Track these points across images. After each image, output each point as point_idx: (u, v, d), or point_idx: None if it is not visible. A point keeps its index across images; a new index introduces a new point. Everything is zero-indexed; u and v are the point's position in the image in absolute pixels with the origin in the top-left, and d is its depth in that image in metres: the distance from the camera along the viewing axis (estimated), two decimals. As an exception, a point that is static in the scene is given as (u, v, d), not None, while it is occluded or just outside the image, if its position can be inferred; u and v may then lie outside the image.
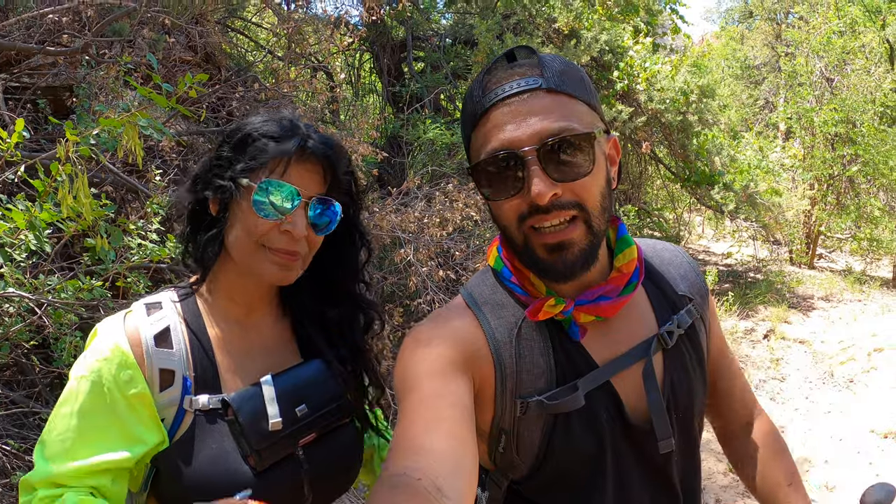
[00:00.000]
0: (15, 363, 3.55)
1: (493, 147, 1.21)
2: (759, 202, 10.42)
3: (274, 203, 1.43)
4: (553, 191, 1.18)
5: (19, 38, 4.32)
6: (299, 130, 1.47)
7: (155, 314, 1.48)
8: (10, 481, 3.13)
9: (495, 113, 1.22)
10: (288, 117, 1.51)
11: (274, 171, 1.44)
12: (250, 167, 1.44)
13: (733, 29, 25.48)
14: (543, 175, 1.18)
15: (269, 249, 1.46)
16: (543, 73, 1.21)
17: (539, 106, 1.19)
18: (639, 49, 8.79)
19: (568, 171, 1.19)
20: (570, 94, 1.22)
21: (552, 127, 1.18)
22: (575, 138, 1.18)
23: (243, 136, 1.48)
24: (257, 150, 1.45)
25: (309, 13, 7.46)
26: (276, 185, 1.43)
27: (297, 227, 1.45)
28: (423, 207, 5.54)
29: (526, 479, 1.35)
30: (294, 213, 1.45)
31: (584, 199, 1.21)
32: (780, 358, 8.40)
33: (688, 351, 1.43)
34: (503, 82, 1.23)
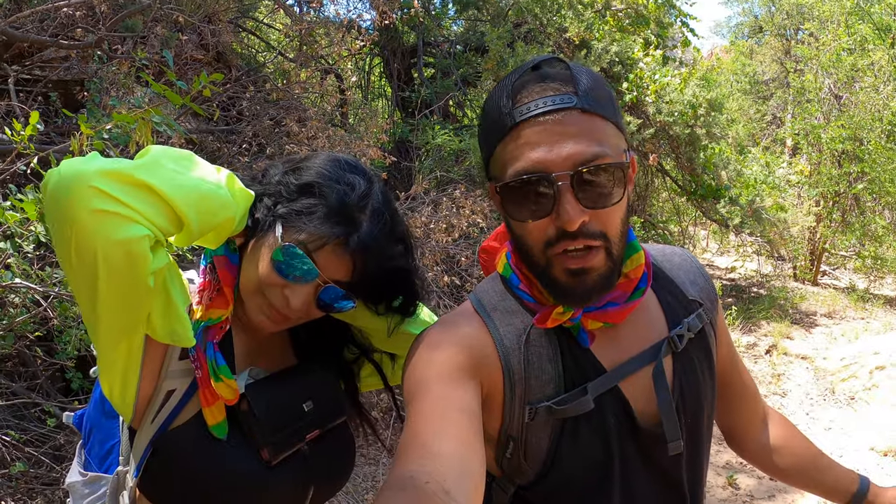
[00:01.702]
0: (17, 354, 3.56)
1: (524, 168, 1.19)
2: (764, 217, 10.40)
3: (290, 268, 1.38)
4: (584, 217, 1.18)
5: (33, 31, 4.34)
6: (354, 216, 1.39)
7: (191, 287, 1.48)
8: (8, 472, 3.13)
9: (527, 130, 1.19)
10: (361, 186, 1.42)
11: (308, 241, 1.37)
12: (289, 221, 1.39)
13: (743, 44, 25.49)
14: (575, 202, 1.17)
15: (266, 300, 1.43)
16: (577, 91, 1.18)
17: (574, 128, 1.17)
18: (648, 61, 8.78)
19: (598, 199, 1.19)
20: (603, 116, 1.20)
21: (587, 153, 1.16)
22: (608, 167, 1.17)
23: (306, 185, 1.41)
24: (306, 208, 1.38)
25: (321, 16, 7.48)
26: (300, 259, 1.37)
27: (295, 302, 1.41)
28: (430, 213, 5.56)
29: (533, 484, 1.35)
30: (301, 287, 1.41)
31: (607, 228, 1.22)
32: (782, 373, 8.38)
33: (697, 355, 1.44)
34: (535, 97, 1.19)
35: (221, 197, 1.28)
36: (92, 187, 1.11)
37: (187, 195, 1.22)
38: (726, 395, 1.67)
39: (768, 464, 1.72)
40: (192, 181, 1.24)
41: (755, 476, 5.67)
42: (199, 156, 1.36)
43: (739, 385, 1.68)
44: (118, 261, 1.14)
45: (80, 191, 1.10)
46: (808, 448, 1.71)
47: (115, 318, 1.25)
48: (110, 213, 1.12)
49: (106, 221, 1.12)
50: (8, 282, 2.61)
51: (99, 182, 1.11)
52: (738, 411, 1.71)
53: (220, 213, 1.28)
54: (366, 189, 1.43)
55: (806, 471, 1.68)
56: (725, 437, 1.77)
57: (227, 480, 1.38)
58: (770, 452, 1.70)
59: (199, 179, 1.26)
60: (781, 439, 1.71)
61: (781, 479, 1.74)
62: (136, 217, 1.15)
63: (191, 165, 1.28)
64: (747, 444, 1.74)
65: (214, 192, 1.27)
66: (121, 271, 1.16)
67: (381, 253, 1.43)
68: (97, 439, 1.53)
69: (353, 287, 1.45)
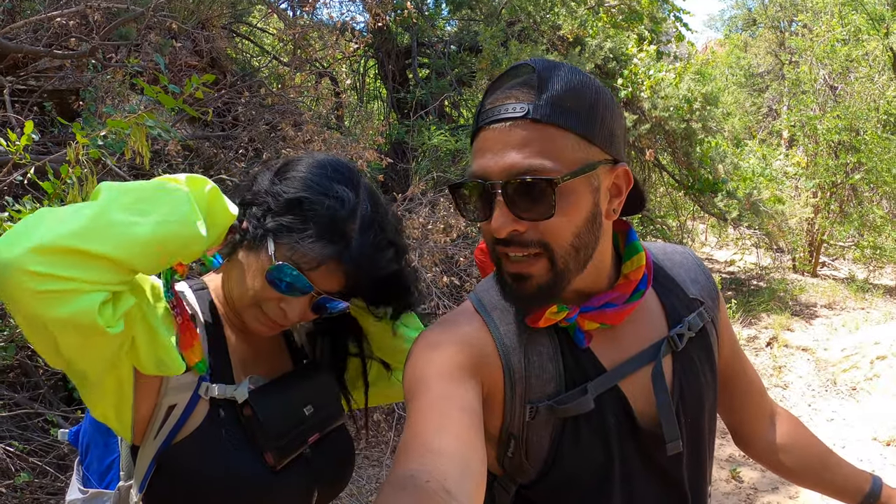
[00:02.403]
0: (19, 365, 3.56)
1: (471, 172, 1.23)
2: (762, 210, 10.42)
3: (285, 285, 1.39)
4: (513, 227, 1.19)
5: (26, 41, 4.34)
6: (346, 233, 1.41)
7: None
8: (13, 483, 3.14)
9: (482, 135, 1.22)
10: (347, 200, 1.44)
11: (302, 261, 1.39)
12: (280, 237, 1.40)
13: (737, 37, 25.50)
14: (505, 210, 1.19)
15: (262, 312, 1.45)
16: (536, 100, 1.18)
17: (518, 138, 1.17)
18: (643, 57, 8.80)
19: (530, 211, 1.19)
20: (558, 126, 1.18)
21: (521, 164, 1.16)
22: (537, 182, 1.16)
23: (294, 200, 1.41)
24: (296, 226, 1.39)
25: (314, 19, 7.49)
26: (295, 277, 1.39)
27: (292, 314, 1.44)
28: (428, 213, 5.56)
29: (534, 483, 1.35)
30: (298, 300, 1.44)
31: (549, 239, 1.21)
32: (783, 365, 8.40)
33: (698, 354, 1.43)
34: (497, 104, 1.21)
35: (185, 236, 1.23)
36: (27, 272, 1.05)
37: (141, 249, 1.17)
38: (731, 392, 1.66)
39: (776, 462, 1.69)
40: (147, 230, 1.17)
41: (758, 469, 5.68)
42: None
43: (744, 382, 1.66)
44: (70, 332, 1.13)
45: (17, 277, 1.05)
46: (817, 446, 1.69)
47: (89, 366, 1.24)
48: (52, 292, 1.07)
49: (49, 301, 1.08)
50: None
51: (33, 265, 1.05)
52: (744, 409, 1.69)
53: (183, 250, 1.25)
54: (353, 201, 1.45)
55: (815, 470, 1.66)
56: (732, 435, 1.75)
57: (232, 486, 1.39)
58: (777, 451, 1.68)
59: (158, 223, 1.19)
60: (789, 437, 1.69)
61: (789, 479, 1.71)
62: (82, 287, 1.10)
63: (149, 206, 1.20)
64: (754, 442, 1.72)
65: (177, 233, 1.22)
66: (77, 338, 1.15)
67: (374, 265, 1.46)
68: (95, 455, 1.53)
69: (346, 296, 1.49)
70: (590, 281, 1.33)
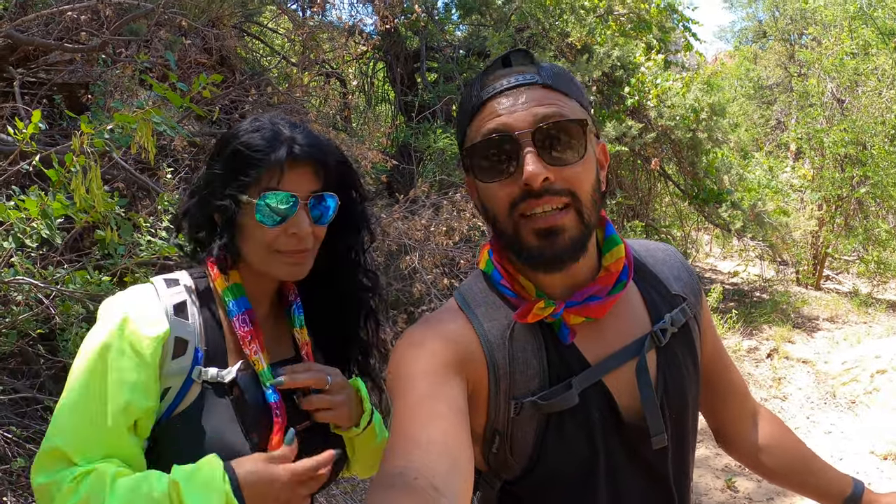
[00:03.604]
0: (20, 352, 3.59)
1: (489, 128, 1.25)
2: (766, 221, 10.41)
3: (275, 212, 1.51)
4: (546, 174, 1.21)
5: (38, 34, 4.38)
6: (283, 136, 1.53)
7: (173, 288, 1.56)
8: (9, 468, 3.17)
9: (492, 103, 1.27)
10: (269, 124, 1.56)
11: (270, 181, 1.51)
12: (246, 183, 1.52)
13: (747, 48, 25.47)
14: (537, 158, 1.21)
15: (280, 252, 1.55)
16: (539, 72, 1.27)
17: (535, 96, 1.25)
18: (650, 65, 8.82)
19: (561, 157, 1.23)
20: (565, 92, 1.28)
21: (547, 111, 1.23)
22: (568, 123, 1.23)
23: (232, 152, 1.54)
24: (248, 164, 1.51)
25: (324, 20, 7.52)
26: (275, 196, 1.50)
27: (302, 227, 1.53)
28: (431, 216, 5.57)
29: (519, 479, 1.36)
30: (296, 216, 1.53)
31: (576, 188, 1.24)
32: (783, 377, 8.39)
33: (681, 350, 1.45)
34: (501, 78, 1.28)
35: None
36: None
37: None
38: (714, 391, 1.66)
39: (758, 463, 1.70)
40: None
41: (754, 479, 5.68)
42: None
43: (726, 381, 1.68)
44: None
45: None
46: (800, 449, 1.70)
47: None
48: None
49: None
50: (11, 278, 2.65)
51: None
52: (726, 408, 1.70)
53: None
54: (266, 119, 1.59)
55: (797, 472, 1.67)
56: (715, 435, 1.76)
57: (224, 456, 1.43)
58: (760, 451, 1.69)
59: None
60: (772, 438, 1.70)
61: (771, 480, 1.73)
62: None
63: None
64: (737, 442, 1.72)
65: None
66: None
67: (325, 147, 1.60)
68: None
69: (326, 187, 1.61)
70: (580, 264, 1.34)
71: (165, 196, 3.52)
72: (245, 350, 1.54)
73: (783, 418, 7.03)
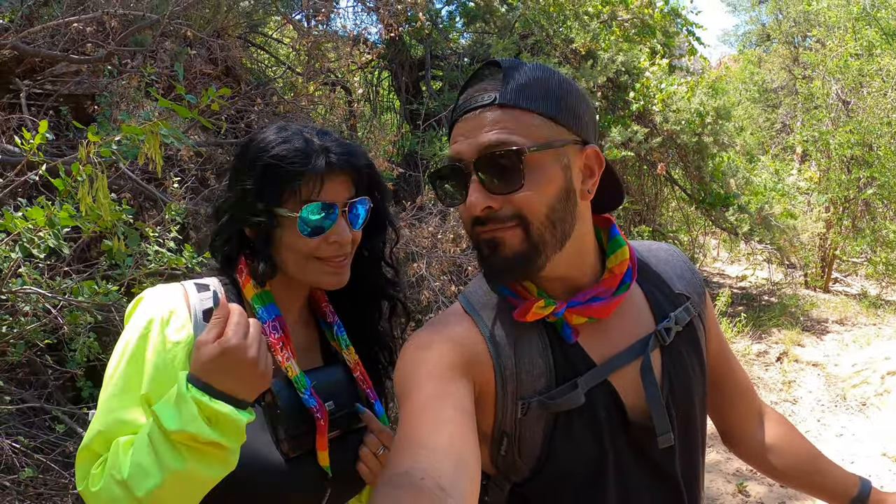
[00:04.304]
0: (28, 362, 3.60)
1: (447, 157, 1.30)
2: (773, 225, 10.37)
3: (317, 223, 1.50)
4: (486, 203, 1.24)
5: (44, 46, 4.41)
6: (316, 146, 1.52)
7: (204, 293, 1.55)
8: (17, 478, 3.17)
9: (455, 127, 1.30)
10: (297, 134, 1.54)
11: (310, 193, 1.50)
12: (283, 197, 1.50)
13: (751, 52, 25.43)
14: (478, 186, 1.24)
15: (321, 260, 1.54)
16: (502, 88, 1.25)
17: (487, 121, 1.25)
18: (655, 70, 8.81)
19: (501, 185, 1.24)
20: (525, 109, 1.25)
21: (491, 140, 1.23)
22: (505, 152, 1.22)
23: (264, 166, 1.51)
24: (285, 177, 1.49)
25: (329, 30, 7.54)
26: (316, 207, 1.50)
27: (343, 235, 1.54)
28: (438, 223, 5.57)
29: (528, 480, 1.36)
30: (337, 224, 1.53)
31: (525, 212, 1.25)
32: (793, 380, 8.35)
33: (686, 349, 1.45)
34: (468, 98, 1.30)
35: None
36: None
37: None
38: (719, 390, 1.67)
39: (764, 463, 1.70)
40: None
41: (765, 483, 5.65)
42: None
43: (732, 380, 1.68)
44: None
45: None
46: (807, 448, 1.69)
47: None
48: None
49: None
50: (18, 287, 2.65)
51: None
52: (732, 408, 1.70)
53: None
54: (294, 129, 1.57)
55: (804, 472, 1.66)
56: (721, 435, 1.76)
57: (245, 467, 1.41)
58: (766, 451, 1.68)
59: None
60: (779, 438, 1.70)
61: (778, 480, 1.72)
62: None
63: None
64: (743, 442, 1.72)
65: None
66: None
67: (356, 152, 1.59)
68: None
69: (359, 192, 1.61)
70: (573, 268, 1.36)
71: (172, 206, 3.53)
72: (277, 357, 1.51)
73: (794, 422, 7.04)
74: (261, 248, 1.55)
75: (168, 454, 1.25)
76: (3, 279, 2.67)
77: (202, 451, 1.26)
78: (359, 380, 1.69)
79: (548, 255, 1.29)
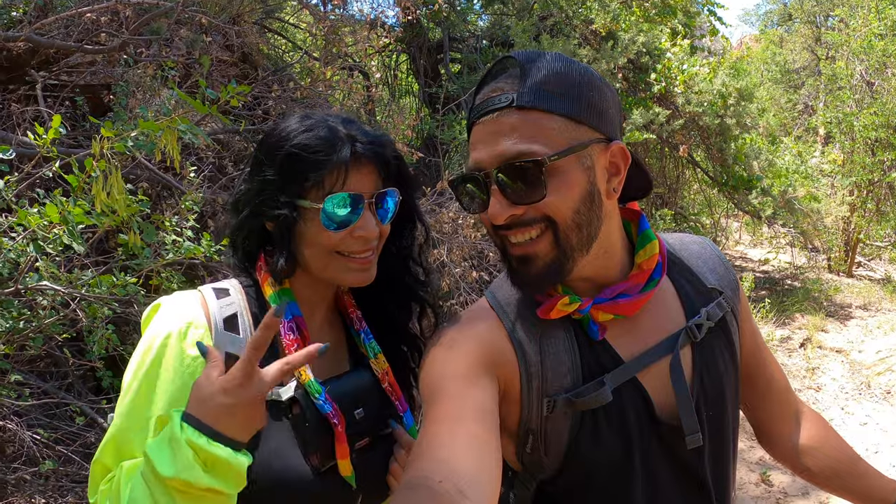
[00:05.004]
0: (48, 354, 3.61)
1: (469, 167, 1.27)
2: (797, 208, 10.26)
3: (342, 216, 1.42)
4: (509, 212, 1.22)
5: (58, 37, 4.39)
6: (341, 134, 1.44)
7: (224, 299, 1.48)
8: (38, 470, 3.18)
9: (473, 130, 1.28)
10: (321, 122, 1.46)
11: (334, 184, 1.42)
12: (305, 188, 1.42)
13: (772, 32, 25.16)
14: (500, 197, 1.22)
15: (345, 256, 1.46)
16: (520, 88, 1.21)
17: (506, 126, 1.21)
18: (676, 51, 8.70)
19: (522, 195, 1.21)
20: (543, 110, 1.21)
21: (510, 150, 1.20)
22: (526, 164, 1.19)
23: (287, 156, 1.43)
24: (308, 167, 1.41)
25: (345, 14, 7.49)
26: (341, 199, 1.41)
27: (369, 229, 1.45)
28: (458, 208, 5.53)
29: (553, 478, 1.35)
30: (363, 217, 1.44)
31: (551, 214, 1.23)
32: (817, 367, 8.26)
33: (719, 345, 1.41)
34: (485, 98, 1.26)
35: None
36: None
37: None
38: (753, 387, 1.62)
39: (799, 465, 1.65)
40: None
41: (788, 473, 5.55)
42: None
43: (766, 378, 1.63)
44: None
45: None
46: (845, 451, 1.64)
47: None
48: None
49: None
50: (34, 283, 2.64)
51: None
52: (767, 406, 1.65)
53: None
54: (319, 117, 1.49)
55: (839, 475, 1.61)
56: (756, 433, 1.72)
57: (274, 485, 1.37)
58: (802, 453, 1.63)
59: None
60: (815, 440, 1.64)
61: (812, 482, 1.66)
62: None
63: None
64: (779, 442, 1.67)
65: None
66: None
67: (383, 141, 1.51)
68: None
69: (387, 184, 1.53)
70: (600, 267, 1.33)
71: (190, 196, 3.51)
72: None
73: (817, 409, 6.97)
74: (280, 243, 1.47)
75: (163, 499, 1.18)
76: (20, 274, 2.65)
77: (199, 498, 1.20)
78: (387, 391, 1.61)
79: (575, 259, 1.27)
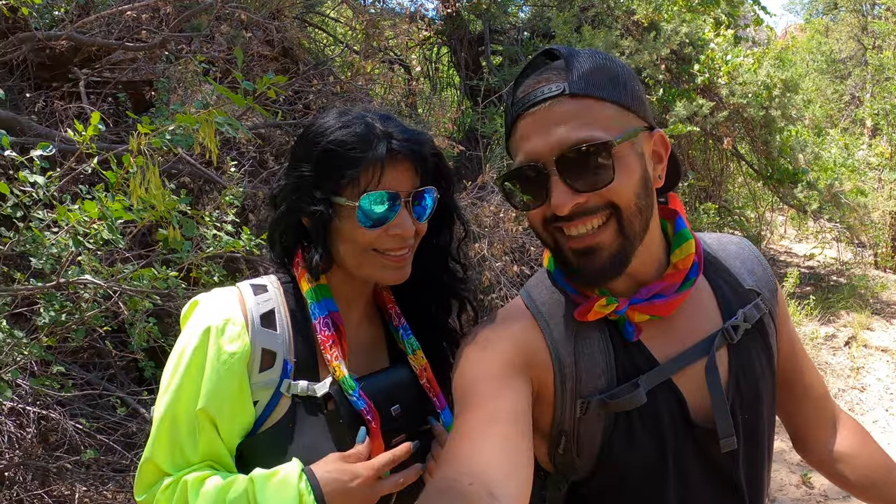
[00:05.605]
0: (91, 346, 3.67)
1: (520, 160, 1.23)
2: (843, 202, 10.04)
3: (378, 213, 1.42)
4: (574, 201, 1.19)
5: (99, 35, 4.46)
6: (378, 131, 1.43)
7: (261, 295, 1.50)
8: (80, 458, 3.23)
9: (521, 123, 1.24)
10: (359, 118, 1.46)
11: (370, 181, 1.41)
12: (341, 184, 1.42)
13: (818, 21, 24.63)
14: (563, 186, 1.19)
15: (380, 253, 1.46)
16: (568, 77, 1.20)
17: (561, 114, 1.19)
18: (720, 41, 8.55)
19: (589, 181, 1.19)
20: (596, 97, 1.20)
21: (571, 137, 1.17)
22: (593, 148, 1.16)
23: (323, 152, 1.43)
24: (344, 164, 1.41)
25: (385, 7, 7.52)
26: (377, 197, 1.41)
27: (406, 227, 1.45)
28: (499, 202, 5.53)
29: (586, 480, 1.34)
30: (399, 216, 1.44)
31: (615, 200, 1.20)
32: (861, 367, 8.07)
33: (756, 347, 1.39)
34: (530, 90, 1.23)
35: None
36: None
37: None
38: (790, 392, 1.59)
39: (835, 472, 1.60)
40: None
41: (830, 474, 5.49)
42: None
43: (803, 384, 1.59)
44: None
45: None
46: (884, 460, 1.60)
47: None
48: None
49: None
50: (75, 277, 2.69)
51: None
52: (802, 412, 1.61)
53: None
54: (356, 113, 1.49)
55: (876, 484, 1.56)
56: (792, 439, 1.68)
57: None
58: (839, 460, 1.59)
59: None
60: (853, 448, 1.60)
61: (849, 490, 1.62)
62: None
63: None
64: (816, 449, 1.63)
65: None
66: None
67: (420, 138, 1.50)
68: None
69: (424, 181, 1.52)
70: (640, 263, 1.30)
71: (230, 190, 3.55)
72: (325, 355, 1.46)
73: (861, 410, 6.84)
74: (316, 239, 1.48)
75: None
76: (62, 268, 2.71)
77: None
78: (426, 387, 1.60)
79: (635, 248, 1.26)
